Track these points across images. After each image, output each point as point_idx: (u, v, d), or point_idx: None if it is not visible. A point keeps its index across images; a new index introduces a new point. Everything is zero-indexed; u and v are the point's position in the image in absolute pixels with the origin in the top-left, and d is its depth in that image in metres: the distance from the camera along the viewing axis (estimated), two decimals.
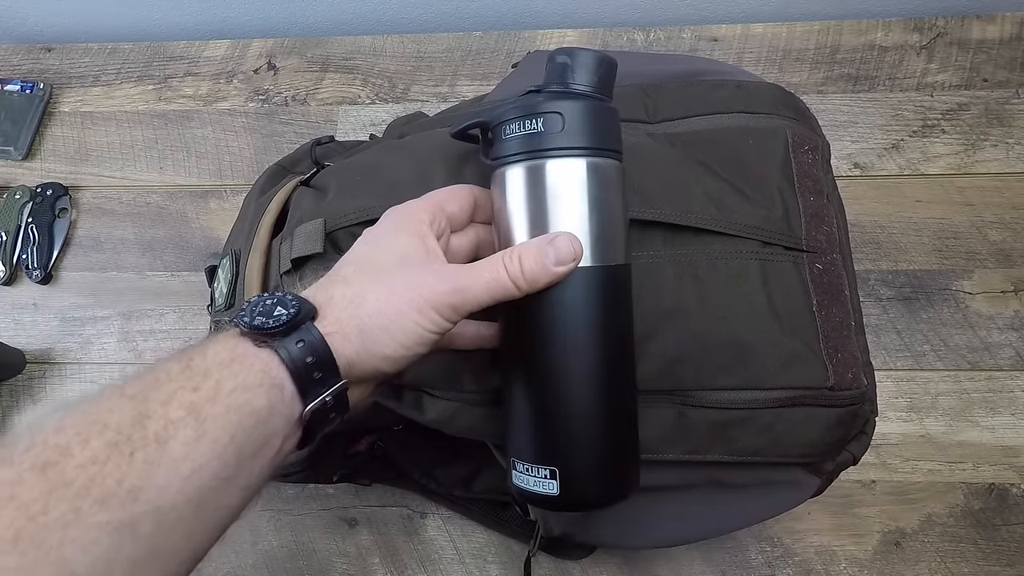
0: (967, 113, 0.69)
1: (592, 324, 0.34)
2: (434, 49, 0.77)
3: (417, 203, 0.35)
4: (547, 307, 0.33)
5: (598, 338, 0.34)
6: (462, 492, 0.56)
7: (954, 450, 0.59)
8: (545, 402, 0.34)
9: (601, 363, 0.35)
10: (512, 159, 0.34)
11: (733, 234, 0.40)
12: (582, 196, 0.34)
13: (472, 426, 0.41)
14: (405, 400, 0.43)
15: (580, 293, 0.33)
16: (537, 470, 0.34)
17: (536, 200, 0.34)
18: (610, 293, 0.35)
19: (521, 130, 0.33)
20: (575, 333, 0.34)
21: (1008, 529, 0.57)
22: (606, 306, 0.34)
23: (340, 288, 0.32)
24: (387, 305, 0.31)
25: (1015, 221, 0.65)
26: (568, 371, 0.34)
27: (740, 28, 0.75)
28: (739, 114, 0.45)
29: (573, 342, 0.34)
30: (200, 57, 0.78)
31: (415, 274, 0.32)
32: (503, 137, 0.34)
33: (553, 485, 0.34)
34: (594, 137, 0.34)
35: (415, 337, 0.32)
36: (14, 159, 0.75)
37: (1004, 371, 0.61)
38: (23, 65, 0.79)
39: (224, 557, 0.60)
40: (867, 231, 0.66)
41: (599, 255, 0.34)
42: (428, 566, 0.59)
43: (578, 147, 0.33)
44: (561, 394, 0.34)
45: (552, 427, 0.34)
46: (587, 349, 0.34)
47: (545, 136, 0.33)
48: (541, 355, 0.34)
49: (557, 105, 0.33)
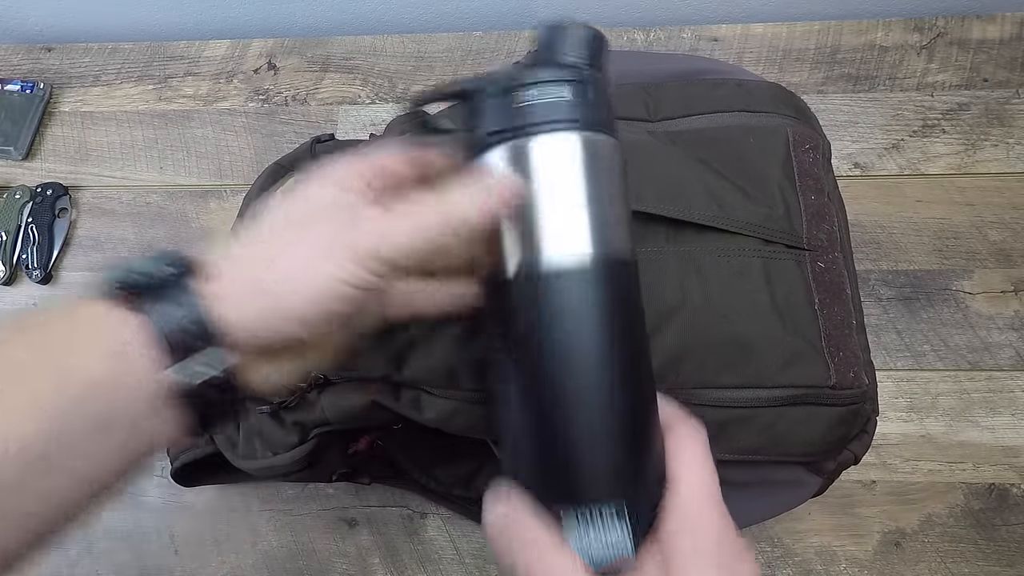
0: (967, 113, 0.69)
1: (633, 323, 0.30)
2: (434, 49, 0.77)
3: (356, 158, 0.31)
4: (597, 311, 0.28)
5: (638, 338, 0.30)
6: (462, 491, 0.55)
7: (954, 450, 0.59)
8: (578, 419, 0.29)
9: (637, 358, 0.30)
10: (546, 127, 0.29)
11: (735, 231, 0.40)
12: (618, 174, 0.30)
13: (471, 425, 0.41)
14: (403, 399, 0.43)
15: (620, 284, 0.29)
16: (600, 511, 0.27)
17: (580, 176, 0.29)
18: (633, 284, 0.31)
19: (548, 97, 0.29)
20: (628, 337, 0.29)
21: (1008, 529, 0.57)
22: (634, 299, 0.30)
23: (246, 246, 0.28)
24: (295, 258, 0.27)
25: (1015, 221, 0.65)
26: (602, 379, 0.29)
27: (740, 28, 0.75)
28: (740, 113, 0.45)
29: (619, 347, 0.29)
30: (200, 57, 0.78)
31: (334, 222, 0.28)
32: (523, 103, 0.29)
33: (626, 527, 0.27)
34: (611, 114, 0.31)
35: (328, 291, 0.27)
36: (14, 159, 0.75)
37: (1004, 371, 0.61)
38: (23, 65, 0.79)
39: (223, 557, 0.60)
40: (867, 231, 0.66)
41: (625, 239, 0.30)
42: (428, 566, 0.59)
43: (606, 122, 0.30)
44: (596, 407, 0.29)
45: (616, 449, 0.29)
46: (631, 354, 0.30)
47: (578, 106, 0.29)
48: (556, 370, 0.29)
49: (580, 75, 0.29)
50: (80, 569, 0.61)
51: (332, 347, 0.31)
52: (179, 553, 0.61)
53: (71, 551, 0.61)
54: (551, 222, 0.28)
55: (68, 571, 0.61)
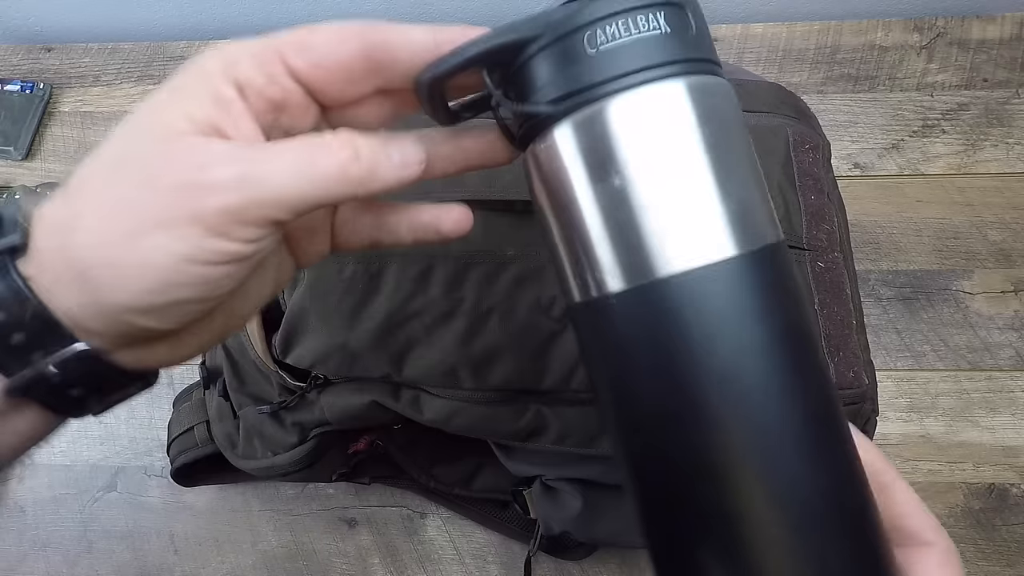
0: (967, 113, 0.69)
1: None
2: None
3: (230, 49, 0.21)
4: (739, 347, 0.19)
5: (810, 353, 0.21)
6: (462, 491, 0.55)
7: (954, 450, 0.59)
8: (794, 483, 0.19)
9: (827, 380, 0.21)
10: (642, 78, 0.20)
11: None
12: (742, 128, 0.22)
13: (471, 425, 0.41)
14: (403, 399, 0.43)
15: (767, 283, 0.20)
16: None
17: (700, 144, 0.20)
18: (791, 270, 0.22)
19: (638, 31, 0.20)
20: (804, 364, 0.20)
21: (1008, 529, 0.57)
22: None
23: (57, 204, 0.20)
24: (109, 229, 0.19)
25: (1015, 221, 0.65)
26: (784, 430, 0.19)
27: (740, 28, 0.75)
28: None
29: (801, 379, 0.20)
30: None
31: (167, 165, 0.19)
32: (601, 46, 0.20)
33: None
34: (708, 45, 0.22)
35: (165, 274, 0.19)
36: (14, 159, 0.75)
37: (1004, 371, 0.61)
38: (23, 65, 0.79)
39: (223, 557, 0.60)
40: (867, 231, 0.66)
41: (768, 216, 0.21)
42: (428, 566, 0.59)
43: (714, 57, 0.22)
44: (824, 460, 0.20)
45: (832, 522, 0.19)
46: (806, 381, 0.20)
47: (680, 40, 0.20)
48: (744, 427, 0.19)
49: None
50: (80, 569, 0.61)
51: (236, 314, 0.24)
52: (179, 553, 0.61)
53: (71, 551, 0.61)
54: (672, 217, 0.20)
55: (68, 571, 0.61)
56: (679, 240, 0.20)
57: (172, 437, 0.53)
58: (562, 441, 0.42)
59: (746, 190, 0.21)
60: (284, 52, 0.21)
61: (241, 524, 0.61)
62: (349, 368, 0.42)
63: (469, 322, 0.40)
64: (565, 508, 0.46)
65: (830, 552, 0.19)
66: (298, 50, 0.21)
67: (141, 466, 0.63)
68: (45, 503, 0.62)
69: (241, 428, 0.49)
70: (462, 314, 0.40)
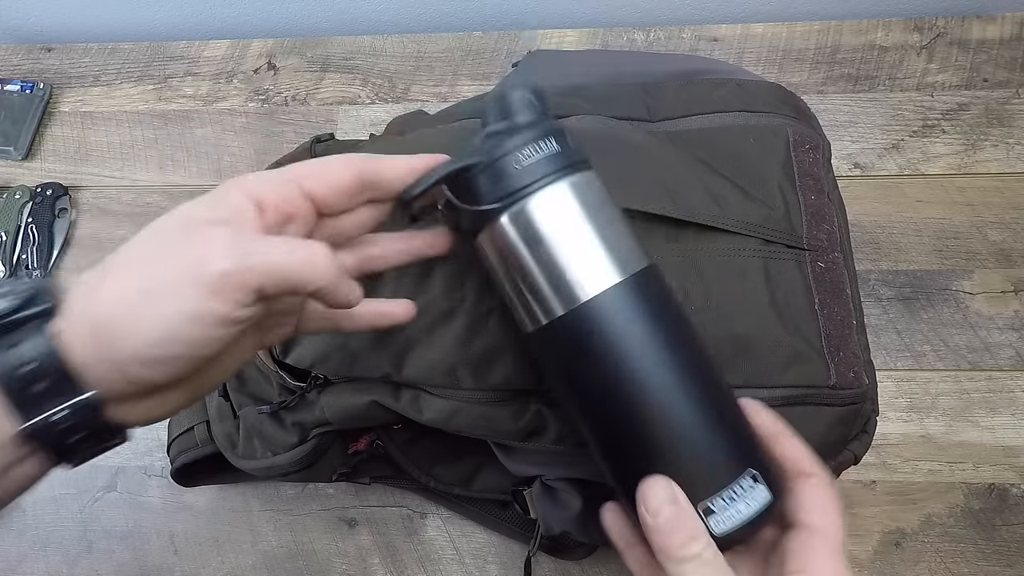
0: (967, 113, 0.69)
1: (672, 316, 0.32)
2: (434, 49, 0.77)
3: (257, 176, 0.28)
4: (629, 343, 0.31)
5: (684, 326, 0.33)
6: (462, 490, 0.55)
7: (954, 450, 0.59)
8: (688, 416, 0.31)
9: (699, 346, 0.33)
10: (545, 180, 0.31)
11: (735, 231, 0.40)
12: (607, 196, 0.33)
13: (471, 425, 0.41)
14: (403, 399, 0.43)
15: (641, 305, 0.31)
16: (737, 487, 0.30)
17: (587, 215, 0.31)
18: (661, 281, 0.33)
19: (539, 153, 0.31)
20: (670, 329, 0.32)
21: (1008, 529, 0.57)
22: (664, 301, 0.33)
23: (92, 273, 0.25)
24: (129, 288, 0.24)
25: (1015, 221, 0.65)
26: (686, 369, 0.31)
27: (740, 28, 0.75)
28: (740, 113, 0.45)
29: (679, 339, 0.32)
30: (200, 57, 0.78)
31: (186, 246, 0.24)
32: (518, 166, 0.31)
33: (763, 491, 0.30)
34: (583, 151, 0.33)
35: (169, 328, 0.23)
36: (14, 159, 0.75)
37: (1004, 371, 0.61)
38: (23, 65, 0.79)
39: (223, 557, 0.60)
40: (867, 231, 0.66)
41: (636, 249, 0.33)
42: (428, 566, 0.59)
43: (584, 157, 0.33)
44: (700, 397, 0.31)
45: (721, 433, 0.31)
46: (683, 340, 0.32)
47: (566, 154, 0.32)
48: (653, 386, 0.31)
49: (552, 126, 0.32)
50: (80, 569, 0.61)
51: (208, 381, 0.28)
52: (179, 553, 0.61)
53: (71, 551, 0.61)
54: (578, 263, 0.31)
55: (68, 571, 0.61)
56: (586, 278, 0.31)
57: (172, 437, 0.53)
58: (562, 441, 0.42)
59: (619, 236, 0.32)
60: (302, 179, 0.28)
61: (241, 524, 0.61)
62: (349, 368, 0.42)
63: (469, 322, 0.40)
64: (565, 508, 0.46)
65: (703, 443, 0.31)
66: (315, 178, 0.28)
67: (141, 466, 0.63)
68: (45, 503, 0.62)
69: (241, 428, 0.49)
70: (462, 314, 0.40)
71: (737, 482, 0.30)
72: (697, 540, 0.28)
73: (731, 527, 0.29)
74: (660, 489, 0.29)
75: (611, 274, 0.31)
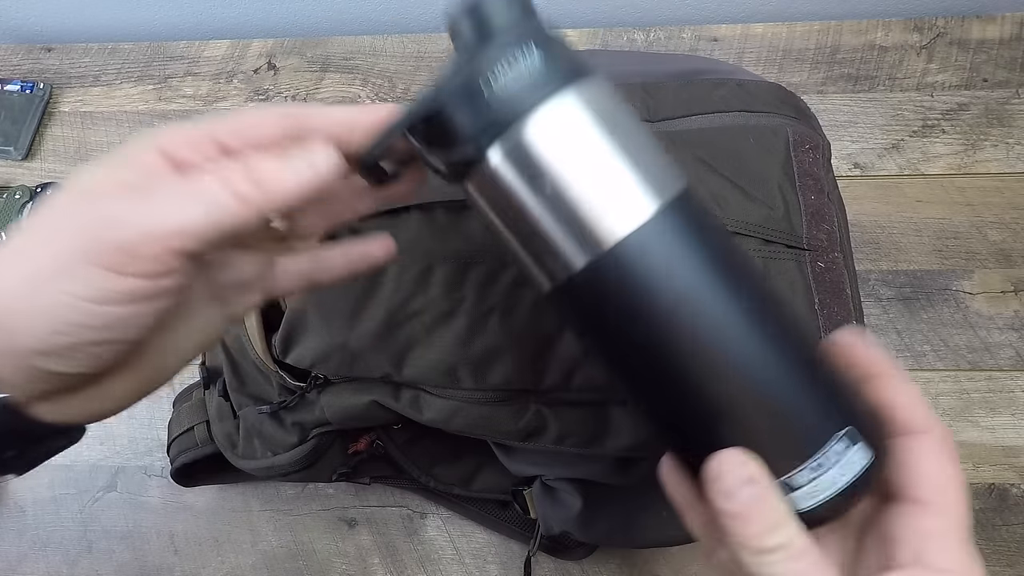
0: (967, 113, 0.69)
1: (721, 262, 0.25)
2: (434, 49, 0.77)
3: (168, 129, 0.23)
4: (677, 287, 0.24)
5: (738, 271, 0.26)
6: (462, 490, 0.55)
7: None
8: (761, 372, 0.24)
9: (761, 283, 0.26)
10: (537, 101, 0.24)
11: (735, 231, 0.40)
12: (624, 104, 0.26)
13: (471, 425, 0.41)
14: (403, 399, 0.43)
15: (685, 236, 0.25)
16: (832, 453, 0.23)
17: (603, 129, 0.24)
18: (702, 206, 0.27)
19: (524, 64, 0.24)
20: (732, 283, 0.25)
21: (1008, 529, 0.57)
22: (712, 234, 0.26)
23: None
24: (15, 276, 0.21)
25: (1015, 221, 0.65)
26: (752, 321, 0.25)
27: (740, 28, 0.75)
28: (740, 113, 0.45)
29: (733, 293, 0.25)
30: (200, 57, 0.78)
31: (70, 217, 0.21)
32: (496, 87, 0.24)
33: (862, 451, 0.24)
34: (575, 52, 0.27)
35: (67, 315, 0.20)
36: (14, 159, 0.75)
37: (1004, 371, 0.61)
38: (23, 65, 0.79)
39: (223, 557, 0.60)
40: (867, 231, 0.66)
41: (670, 168, 0.26)
42: (428, 566, 0.59)
43: (581, 64, 0.26)
44: (774, 346, 0.25)
45: (804, 389, 0.25)
46: (742, 288, 0.25)
47: (554, 62, 0.25)
48: (716, 338, 0.24)
49: (537, 27, 0.26)
50: (80, 569, 0.61)
51: (161, 366, 0.25)
52: (179, 553, 0.61)
53: (71, 551, 0.61)
54: (600, 195, 0.24)
55: (68, 571, 0.61)
56: (613, 214, 0.24)
57: (172, 437, 0.53)
58: (562, 441, 0.42)
59: (647, 153, 0.25)
60: (216, 132, 0.23)
61: (241, 524, 0.61)
62: (349, 368, 0.42)
63: (469, 322, 0.40)
64: (565, 508, 0.46)
65: (784, 402, 0.25)
66: (232, 128, 0.23)
67: (141, 466, 0.63)
68: (45, 503, 0.62)
69: (241, 428, 0.49)
70: (462, 314, 0.40)
71: (828, 446, 0.24)
72: (783, 528, 0.23)
73: (819, 501, 0.24)
74: (736, 466, 0.23)
75: (644, 203, 0.24)
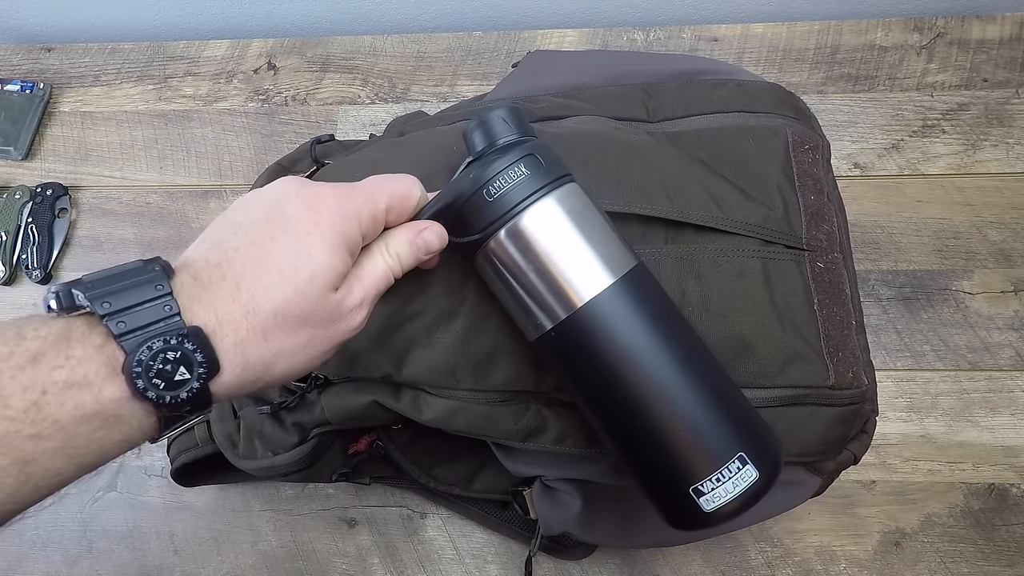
0: (967, 113, 0.69)
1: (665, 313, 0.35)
2: (434, 49, 0.77)
3: (361, 195, 0.33)
4: (636, 343, 0.34)
5: (676, 321, 0.35)
6: (462, 491, 0.55)
7: (954, 450, 0.59)
8: (680, 405, 0.33)
9: (690, 337, 0.35)
10: (524, 204, 0.34)
11: (734, 232, 0.40)
12: (592, 204, 0.36)
13: (471, 425, 0.41)
14: (403, 399, 0.43)
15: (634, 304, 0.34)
16: (726, 471, 0.32)
17: (571, 228, 0.34)
18: (650, 278, 0.36)
19: (515, 178, 0.34)
20: (668, 331, 0.35)
21: (1008, 529, 0.57)
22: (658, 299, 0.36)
23: (239, 314, 0.29)
24: (278, 350, 0.30)
25: (1015, 221, 0.65)
26: (676, 360, 0.34)
27: (740, 28, 0.75)
28: (739, 113, 0.45)
29: (670, 340, 0.34)
30: (200, 57, 0.78)
31: (323, 314, 0.31)
32: (496, 195, 0.34)
33: (751, 470, 0.32)
34: (560, 160, 0.36)
35: (309, 368, 0.32)
36: (14, 159, 0.75)
37: (1004, 371, 0.61)
38: (23, 65, 0.79)
39: (223, 557, 0.60)
40: (867, 231, 0.66)
41: (624, 250, 0.35)
42: (428, 566, 0.59)
43: (562, 172, 0.35)
44: (691, 386, 0.34)
45: (711, 419, 0.33)
46: (678, 335, 0.35)
47: (538, 174, 0.34)
48: (651, 376, 0.34)
49: (527, 149, 0.34)
50: (80, 569, 0.61)
51: None
52: (179, 553, 0.61)
53: (71, 551, 0.61)
54: (574, 272, 0.34)
55: (68, 571, 0.61)
56: (579, 284, 0.34)
57: (172, 437, 0.53)
58: (561, 442, 0.42)
59: (606, 241, 0.35)
60: (388, 213, 0.34)
61: (241, 524, 0.61)
62: (349, 368, 0.42)
63: (469, 322, 0.40)
64: (565, 508, 0.46)
65: (695, 429, 0.33)
66: (396, 214, 0.34)
67: (141, 466, 0.63)
68: (45, 503, 0.62)
69: (241, 428, 0.49)
70: (463, 314, 0.40)
71: (726, 465, 0.32)
72: None
73: (717, 505, 0.32)
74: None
75: (603, 278, 0.34)
